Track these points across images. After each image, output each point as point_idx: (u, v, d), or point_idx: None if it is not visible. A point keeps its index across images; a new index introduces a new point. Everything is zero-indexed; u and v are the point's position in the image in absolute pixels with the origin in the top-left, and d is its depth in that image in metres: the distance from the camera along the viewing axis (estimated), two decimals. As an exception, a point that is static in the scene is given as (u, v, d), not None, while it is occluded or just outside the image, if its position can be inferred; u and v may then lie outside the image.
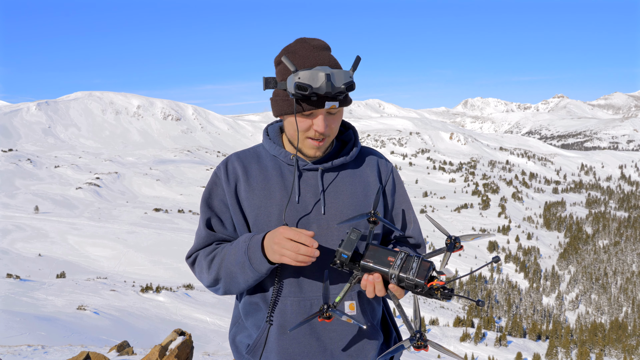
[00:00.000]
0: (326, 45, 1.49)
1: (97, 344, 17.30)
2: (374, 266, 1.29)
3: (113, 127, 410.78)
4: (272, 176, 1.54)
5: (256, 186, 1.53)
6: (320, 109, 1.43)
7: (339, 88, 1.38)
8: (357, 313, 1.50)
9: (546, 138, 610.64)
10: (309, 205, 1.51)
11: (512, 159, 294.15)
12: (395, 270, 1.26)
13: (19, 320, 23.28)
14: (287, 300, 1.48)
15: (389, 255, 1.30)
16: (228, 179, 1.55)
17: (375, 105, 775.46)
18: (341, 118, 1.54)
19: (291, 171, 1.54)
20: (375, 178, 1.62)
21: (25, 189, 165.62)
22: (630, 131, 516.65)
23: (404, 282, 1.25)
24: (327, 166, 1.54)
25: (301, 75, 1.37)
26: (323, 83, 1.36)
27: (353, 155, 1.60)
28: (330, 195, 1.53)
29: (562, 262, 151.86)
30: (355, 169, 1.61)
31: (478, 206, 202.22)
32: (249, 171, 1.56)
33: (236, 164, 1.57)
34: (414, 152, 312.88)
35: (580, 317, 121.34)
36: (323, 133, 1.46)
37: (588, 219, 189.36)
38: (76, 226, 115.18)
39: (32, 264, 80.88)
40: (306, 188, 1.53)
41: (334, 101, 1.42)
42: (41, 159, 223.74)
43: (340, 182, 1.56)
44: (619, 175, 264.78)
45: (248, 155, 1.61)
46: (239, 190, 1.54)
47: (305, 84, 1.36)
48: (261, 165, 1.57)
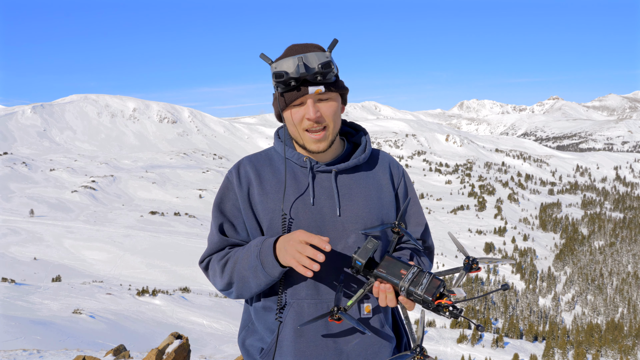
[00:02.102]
0: (314, 45, 1.47)
1: (93, 348, 17.19)
2: (385, 276, 1.31)
3: (109, 130, 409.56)
4: (286, 179, 1.53)
5: (270, 190, 1.52)
6: (305, 95, 1.43)
7: (314, 69, 1.38)
8: (373, 315, 1.53)
9: (541, 139, 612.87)
10: (324, 207, 1.51)
11: (507, 160, 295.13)
12: (405, 283, 1.28)
13: (14, 325, 23.12)
14: (304, 302, 1.48)
15: (402, 268, 1.32)
16: (240, 184, 1.54)
17: (371, 107, 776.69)
18: (337, 105, 1.51)
19: (305, 173, 1.54)
20: (387, 180, 1.63)
21: (21, 192, 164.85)
22: (625, 132, 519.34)
23: (413, 296, 1.27)
24: (341, 167, 1.54)
25: (276, 64, 1.40)
26: (296, 66, 1.37)
27: (366, 156, 1.60)
28: (345, 197, 1.53)
29: (558, 263, 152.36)
30: (368, 171, 1.61)
31: (474, 208, 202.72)
32: (261, 175, 1.55)
33: (248, 167, 1.57)
34: (410, 154, 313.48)
35: (576, 318, 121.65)
36: (316, 120, 1.45)
37: (584, 220, 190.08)
38: (72, 229, 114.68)
39: (27, 267, 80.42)
40: (320, 190, 1.52)
41: (318, 85, 1.42)
42: (36, 162, 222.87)
43: (354, 184, 1.56)
44: (614, 177, 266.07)
45: (260, 158, 1.60)
46: (252, 195, 1.53)
47: (280, 71, 1.38)
48: (274, 168, 1.57)
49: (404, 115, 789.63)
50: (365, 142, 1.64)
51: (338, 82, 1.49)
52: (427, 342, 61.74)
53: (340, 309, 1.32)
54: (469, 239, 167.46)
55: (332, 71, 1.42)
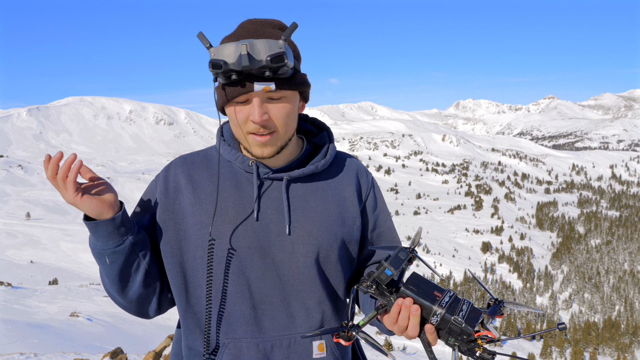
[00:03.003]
0: (271, 22, 1.14)
1: (91, 350, 17.16)
2: (416, 297, 1.01)
3: (105, 133, 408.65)
4: (225, 187, 1.22)
5: (204, 199, 1.20)
6: (250, 92, 1.09)
7: (261, 61, 1.04)
8: (327, 354, 1.20)
9: (537, 139, 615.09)
10: (271, 223, 1.18)
11: (504, 160, 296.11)
12: (442, 308, 0.98)
13: (11, 328, 23.05)
14: (243, 342, 1.15)
15: (436, 290, 1.03)
16: (167, 191, 1.23)
17: (367, 107, 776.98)
18: (291, 108, 1.16)
19: (250, 180, 1.22)
20: (352, 192, 1.30)
21: (17, 195, 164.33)
22: (620, 131, 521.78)
23: (449, 325, 0.98)
24: (294, 174, 1.22)
25: (215, 50, 1.06)
26: (239, 56, 1.03)
27: (327, 162, 1.27)
28: (297, 212, 1.21)
29: (555, 262, 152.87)
30: (329, 179, 1.29)
31: (471, 207, 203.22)
32: (195, 180, 1.24)
33: (179, 171, 1.25)
34: (406, 154, 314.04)
35: (573, 316, 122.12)
36: (262, 124, 1.11)
37: (580, 219, 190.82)
38: (68, 232, 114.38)
39: (23, 270, 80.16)
40: (267, 202, 1.20)
41: (267, 82, 1.07)
42: (32, 165, 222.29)
43: (310, 196, 1.24)
44: (609, 175, 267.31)
45: (196, 160, 1.29)
46: (181, 205, 1.21)
47: (218, 60, 1.04)
48: (211, 172, 1.25)
49: (401, 115, 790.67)
50: (328, 144, 1.32)
51: (295, 78, 1.13)
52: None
53: (354, 325, 1.06)
54: (466, 238, 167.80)
55: (286, 65, 1.06)
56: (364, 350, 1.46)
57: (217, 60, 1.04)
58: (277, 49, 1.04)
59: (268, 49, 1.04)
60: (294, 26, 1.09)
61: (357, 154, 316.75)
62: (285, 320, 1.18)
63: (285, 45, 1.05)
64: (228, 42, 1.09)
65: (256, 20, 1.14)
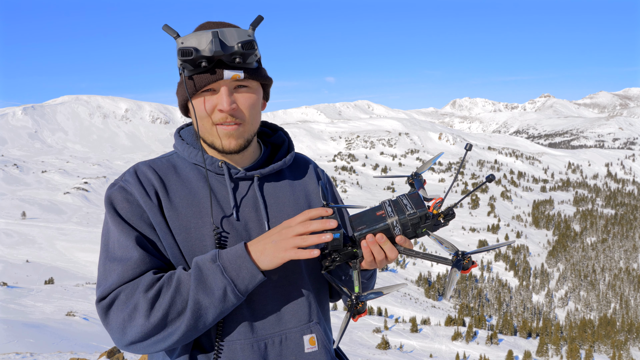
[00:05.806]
0: (233, 25, 1.18)
1: (87, 350, 17.09)
2: (371, 229, 1.04)
3: (101, 131, 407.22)
4: (197, 190, 1.20)
5: (179, 204, 1.17)
6: (219, 80, 1.12)
7: (233, 47, 1.09)
8: (319, 347, 1.22)
9: (533, 137, 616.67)
10: (250, 221, 1.21)
11: (500, 158, 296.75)
12: (394, 217, 1.04)
13: (7, 328, 22.94)
14: (237, 344, 1.14)
15: (377, 211, 1.07)
16: (147, 193, 1.16)
17: (364, 106, 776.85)
18: (257, 98, 1.21)
19: (221, 182, 1.22)
20: (315, 187, 1.36)
21: (12, 194, 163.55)
22: (616, 129, 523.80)
23: (409, 223, 1.04)
24: (265, 172, 1.26)
25: (184, 39, 1.10)
26: (210, 43, 1.07)
27: (292, 156, 1.34)
28: (273, 208, 1.25)
29: (551, 260, 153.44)
30: (293, 176, 1.35)
31: (467, 205, 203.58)
32: (168, 185, 1.19)
33: (150, 174, 1.19)
34: (403, 153, 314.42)
35: (569, 314, 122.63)
36: (230, 113, 1.14)
37: (576, 217, 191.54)
38: (64, 231, 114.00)
39: (19, 270, 79.83)
40: (242, 201, 1.22)
41: (236, 70, 1.12)
42: (28, 164, 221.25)
43: (281, 192, 1.29)
44: (605, 173, 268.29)
45: (161, 166, 1.23)
46: (161, 209, 1.16)
47: (188, 47, 1.08)
48: (181, 177, 1.22)
49: (397, 114, 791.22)
50: (288, 142, 1.38)
51: (261, 70, 1.20)
52: (422, 340, 61.98)
53: (358, 295, 1.07)
54: (462, 236, 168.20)
55: (255, 54, 1.13)
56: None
57: (187, 48, 1.06)
58: (247, 37, 1.10)
59: (237, 36, 1.09)
60: (260, 18, 1.14)
61: (353, 152, 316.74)
62: (275, 317, 1.19)
63: (254, 34, 1.11)
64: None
65: (217, 21, 1.17)
